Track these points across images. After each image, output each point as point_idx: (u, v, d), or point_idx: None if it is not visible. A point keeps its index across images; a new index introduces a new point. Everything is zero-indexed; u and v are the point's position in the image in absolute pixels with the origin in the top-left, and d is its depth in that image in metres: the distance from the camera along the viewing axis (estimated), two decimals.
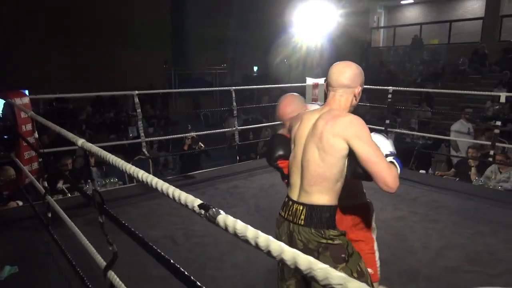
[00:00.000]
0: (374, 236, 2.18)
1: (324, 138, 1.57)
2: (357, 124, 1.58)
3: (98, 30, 13.37)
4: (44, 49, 12.31)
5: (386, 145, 1.74)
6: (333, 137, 1.56)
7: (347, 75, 1.72)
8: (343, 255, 1.59)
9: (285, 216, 1.73)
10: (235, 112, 5.43)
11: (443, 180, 5.24)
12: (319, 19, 6.35)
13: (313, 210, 1.61)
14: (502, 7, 12.69)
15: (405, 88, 7.50)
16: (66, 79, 11.83)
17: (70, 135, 1.84)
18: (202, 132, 5.52)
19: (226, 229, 0.89)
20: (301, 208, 1.64)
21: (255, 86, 8.29)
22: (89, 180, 4.78)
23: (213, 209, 0.93)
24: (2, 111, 5.04)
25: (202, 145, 5.69)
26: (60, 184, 4.96)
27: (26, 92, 13.00)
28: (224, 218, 0.90)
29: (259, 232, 0.83)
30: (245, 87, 7.32)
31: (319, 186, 1.60)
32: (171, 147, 8.10)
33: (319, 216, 1.60)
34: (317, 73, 14.07)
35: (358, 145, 1.54)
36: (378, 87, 6.28)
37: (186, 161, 5.88)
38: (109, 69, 13.43)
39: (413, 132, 6.80)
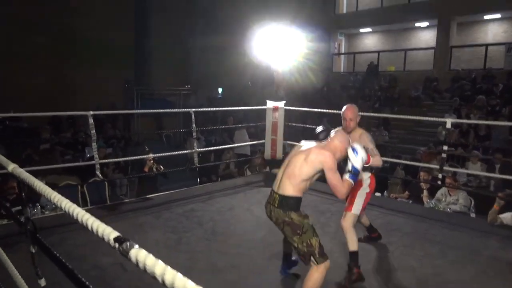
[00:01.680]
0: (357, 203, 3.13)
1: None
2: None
3: (59, 47, 13.04)
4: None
5: (355, 161, 2.51)
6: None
7: None
8: (298, 231, 2.49)
9: (269, 201, 2.66)
10: (194, 134, 5.39)
11: (397, 202, 5.40)
12: (283, 44, 6.51)
13: (283, 198, 2.55)
14: (451, 38, 13.59)
15: (361, 113, 7.73)
16: (22, 97, 11.35)
17: (2, 159, 1.73)
18: (159, 154, 5.40)
19: (137, 264, 0.85)
20: (276, 196, 2.58)
21: (215, 109, 8.30)
22: (37, 204, 4.54)
23: (127, 243, 0.90)
24: None
25: (161, 167, 5.58)
26: None
27: None
28: (136, 252, 0.86)
29: (168, 268, 0.80)
30: (204, 109, 7.32)
31: (290, 181, 2.54)
32: (130, 168, 7.87)
33: (286, 203, 2.53)
34: (281, 97, 14.34)
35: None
36: (336, 111, 6.45)
37: (143, 183, 5.72)
38: (70, 88, 13.05)
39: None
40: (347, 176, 2.50)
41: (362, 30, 17.00)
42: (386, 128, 10.95)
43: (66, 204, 1.14)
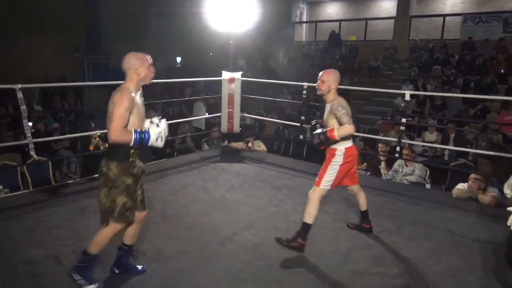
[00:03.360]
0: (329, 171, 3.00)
1: None
2: None
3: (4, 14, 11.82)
4: None
5: (152, 131, 2.34)
6: None
7: None
8: (109, 184, 2.33)
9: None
10: None
11: None
12: (241, 10, 6.13)
13: (110, 146, 2.41)
14: (411, 8, 13.60)
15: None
16: None
17: None
18: (105, 131, 4.98)
19: None
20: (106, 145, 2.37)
21: (167, 80, 7.78)
22: None
23: None
24: None
25: (107, 145, 5.16)
26: None
27: None
28: None
29: None
30: (158, 80, 6.82)
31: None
32: (80, 144, 7.34)
33: (109, 152, 2.39)
34: (241, 66, 13.92)
35: None
36: (294, 83, 6.26)
37: (90, 162, 5.30)
38: (16, 57, 11.95)
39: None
40: (133, 132, 2.26)
41: None
42: (346, 99, 10.92)
43: None
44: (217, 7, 6.08)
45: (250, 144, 5.89)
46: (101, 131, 5.20)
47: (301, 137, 6.22)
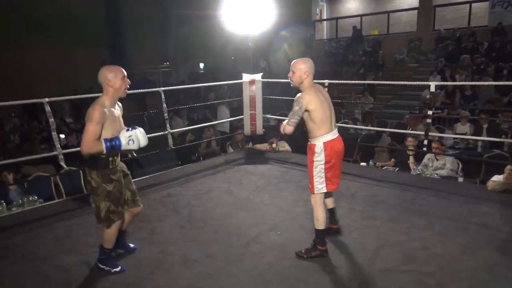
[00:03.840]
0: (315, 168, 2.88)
1: None
2: None
3: (29, 29, 12.36)
4: None
5: (123, 136, 2.51)
6: None
7: None
8: (93, 191, 2.58)
9: None
10: (166, 114, 5.09)
11: (383, 171, 5.22)
12: (260, 13, 6.14)
13: (89, 157, 2.53)
14: None
15: (341, 81, 7.51)
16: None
17: None
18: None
19: None
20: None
21: (186, 86, 7.93)
22: (1, 201, 4.24)
23: None
24: None
25: (134, 153, 5.26)
26: None
27: None
28: None
29: None
30: (174, 87, 6.91)
31: None
32: None
33: (89, 162, 2.56)
34: (263, 68, 13.91)
35: None
36: (316, 81, 6.18)
37: None
38: (44, 70, 12.46)
39: (351, 126, 6.81)
40: (103, 141, 2.43)
41: None
42: (372, 94, 10.71)
43: None
44: (235, 10, 6.11)
45: (274, 145, 5.86)
46: None
47: None
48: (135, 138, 2.52)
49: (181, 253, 2.98)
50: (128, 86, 2.64)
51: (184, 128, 6.69)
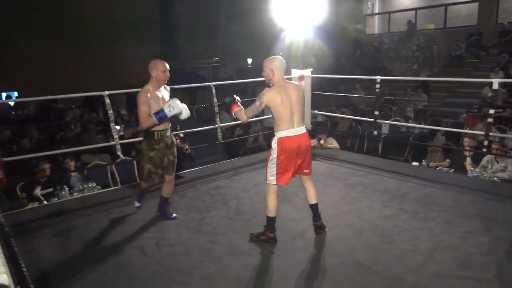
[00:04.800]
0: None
1: None
2: None
3: (88, 27, 13.12)
4: (34, 50, 12.13)
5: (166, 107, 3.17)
6: None
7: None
8: (141, 155, 3.42)
9: None
10: (216, 108, 5.20)
11: (437, 172, 5.00)
12: (309, 7, 6.08)
13: (144, 131, 3.37)
14: None
15: (393, 77, 7.24)
16: (55, 79, 11.62)
17: None
18: (183, 131, 5.26)
19: None
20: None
21: (235, 81, 8.00)
22: (65, 186, 4.57)
23: None
24: None
25: (187, 147, 5.44)
26: (38, 191, 4.76)
27: (15, 94, 12.80)
28: None
29: None
30: (224, 82, 7.04)
31: None
32: None
33: (143, 134, 3.41)
34: (311, 64, 13.77)
35: None
36: (367, 77, 6.04)
37: None
38: (100, 67, 13.18)
39: (402, 123, 6.57)
40: (152, 115, 3.13)
41: None
42: (425, 91, 10.24)
43: None
44: (286, 5, 6.09)
45: (322, 142, 5.80)
46: (182, 131, 5.47)
47: (376, 133, 5.97)
48: (174, 104, 3.15)
49: (230, 244, 3.06)
50: (168, 78, 3.27)
51: (233, 123, 6.79)
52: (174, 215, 3.59)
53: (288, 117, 2.89)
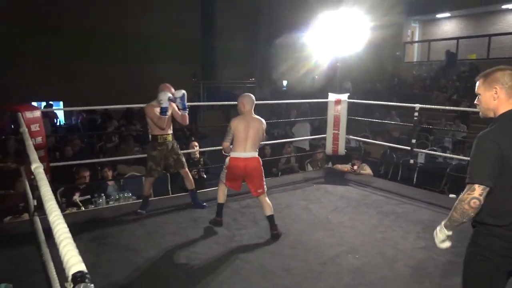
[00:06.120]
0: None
1: None
2: None
3: (132, 47, 13.84)
4: (79, 64, 12.87)
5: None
6: None
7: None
8: (146, 155, 4.26)
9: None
10: None
11: None
12: (348, 32, 6.12)
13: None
14: None
15: (432, 106, 7.09)
16: (97, 92, 12.24)
17: (33, 157, 1.71)
18: (205, 149, 5.41)
19: None
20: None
21: (270, 101, 8.11)
22: (102, 194, 4.74)
23: (82, 285, 0.75)
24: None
25: (200, 166, 5.60)
26: (76, 197, 4.96)
27: (61, 104, 13.52)
28: None
29: None
30: (261, 101, 7.13)
31: None
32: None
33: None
34: (347, 89, 13.76)
35: None
36: (404, 104, 5.97)
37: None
38: (141, 82, 13.77)
39: (440, 153, 6.40)
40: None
41: (439, 16, 15.65)
42: (465, 122, 9.95)
43: (53, 217, 1.01)
44: (326, 31, 6.17)
45: (356, 167, 5.74)
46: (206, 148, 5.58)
47: (411, 161, 5.85)
48: (161, 98, 3.86)
49: (259, 263, 3.06)
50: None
51: (264, 142, 6.86)
52: (205, 204, 4.30)
53: (242, 141, 3.46)
